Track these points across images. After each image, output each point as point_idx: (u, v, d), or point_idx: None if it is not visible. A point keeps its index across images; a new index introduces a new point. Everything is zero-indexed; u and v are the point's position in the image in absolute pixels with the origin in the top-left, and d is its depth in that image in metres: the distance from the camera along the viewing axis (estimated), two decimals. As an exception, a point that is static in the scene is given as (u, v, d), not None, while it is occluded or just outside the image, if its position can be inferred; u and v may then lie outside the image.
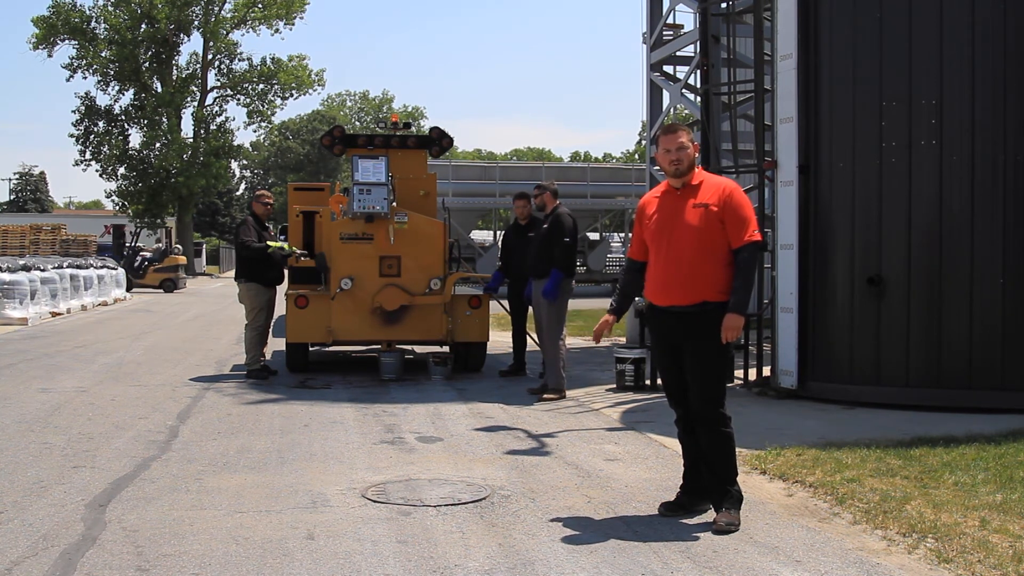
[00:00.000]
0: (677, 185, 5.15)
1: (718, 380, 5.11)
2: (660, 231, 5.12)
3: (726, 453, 5.05)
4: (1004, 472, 5.83)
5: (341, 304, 10.28)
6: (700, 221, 5.00)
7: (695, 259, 4.98)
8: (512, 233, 10.88)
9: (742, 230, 4.98)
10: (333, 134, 11.46)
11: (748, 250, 4.98)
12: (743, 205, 5.05)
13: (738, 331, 4.97)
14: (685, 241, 5.01)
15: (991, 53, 7.93)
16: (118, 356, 12.56)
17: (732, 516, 4.91)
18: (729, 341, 4.97)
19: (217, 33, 49.15)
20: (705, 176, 5.20)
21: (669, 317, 5.09)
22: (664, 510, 5.18)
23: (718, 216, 4.99)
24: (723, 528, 4.84)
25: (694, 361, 5.06)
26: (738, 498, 5.02)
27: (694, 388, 5.08)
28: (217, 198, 70.97)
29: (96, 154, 49.47)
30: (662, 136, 5.17)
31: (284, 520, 5.00)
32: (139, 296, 28.23)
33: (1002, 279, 7.93)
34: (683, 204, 5.08)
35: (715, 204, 5.00)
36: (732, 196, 5.05)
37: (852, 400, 8.34)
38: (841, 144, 8.47)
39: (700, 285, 4.98)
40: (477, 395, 9.33)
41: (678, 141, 5.07)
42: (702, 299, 4.98)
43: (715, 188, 5.09)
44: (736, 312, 4.93)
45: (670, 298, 5.07)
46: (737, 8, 12.56)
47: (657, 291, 5.15)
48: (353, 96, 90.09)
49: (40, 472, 6.02)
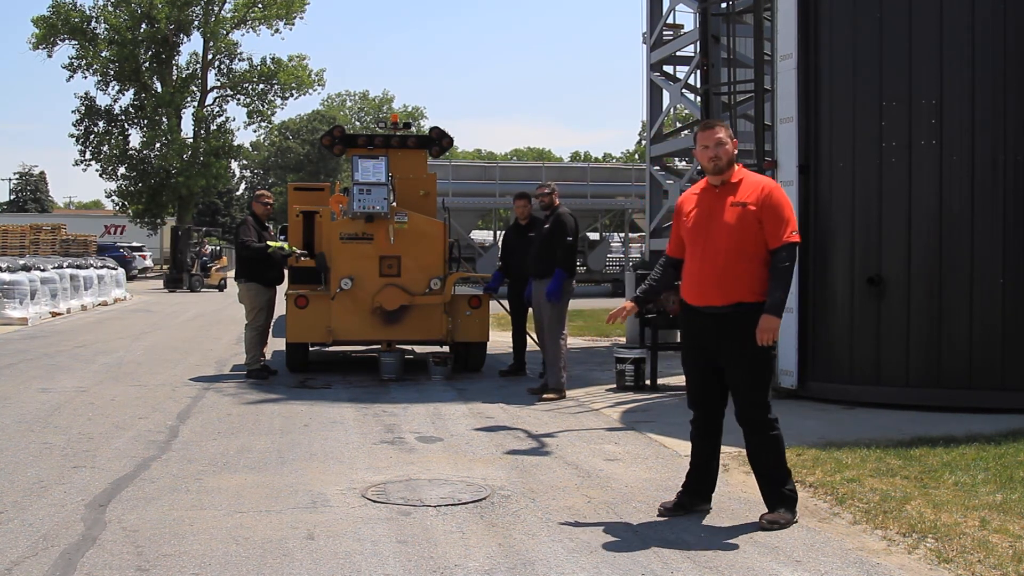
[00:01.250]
0: (716, 183, 5.02)
1: (761, 383, 4.98)
2: (697, 230, 5.01)
3: (777, 454, 4.98)
4: (1004, 472, 5.83)
5: (341, 304, 10.28)
6: (737, 220, 4.88)
7: (731, 259, 4.87)
8: (512, 233, 10.88)
9: (780, 230, 4.85)
10: (333, 134, 11.46)
11: (786, 251, 4.85)
12: (782, 205, 4.92)
13: (774, 333, 4.83)
14: (721, 241, 4.89)
15: (991, 53, 7.93)
16: (118, 356, 12.56)
17: (780, 516, 4.88)
18: (765, 344, 4.84)
19: (217, 33, 49.10)
20: (745, 174, 5.06)
21: (704, 318, 4.99)
22: (664, 510, 5.17)
23: (756, 216, 4.87)
24: (766, 526, 4.83)
25: (733, 365, 4.95)
26: (793, 498, 4.97)
27: (737, 393, 4.98)
28: (217, 198, 70.94)
29: (96, 154, 49.43)
30: (700, 132, 5.05)
31: (284, 520, 5.00)
32: (139, 296, 28.24)
33: (1002, 279, 7.93)
34: (721, 202, 4.96)
35: (753, 203, 4.88)
36: (771, 195, 4.92)
37: (852, 400, 8.34)
38: (841, 144, 8.46)
39: (735, 285, 4.87)
40: (477, 395, 9.33)
41: (716, 137, 4.94)
42: (737, 300, 4.87)
43: (754, 187, 4.96)
44: (772, 314, 4.81)
45: (705, 298, 4.97)
46: (737, 8, 12.57)
47: (692, 291, 5.05)
48: (353, 96, 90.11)
49: (40, 472, 6.02)
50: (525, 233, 10.34)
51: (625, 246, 34.59)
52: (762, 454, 5.00)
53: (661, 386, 9.71)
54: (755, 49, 10.30)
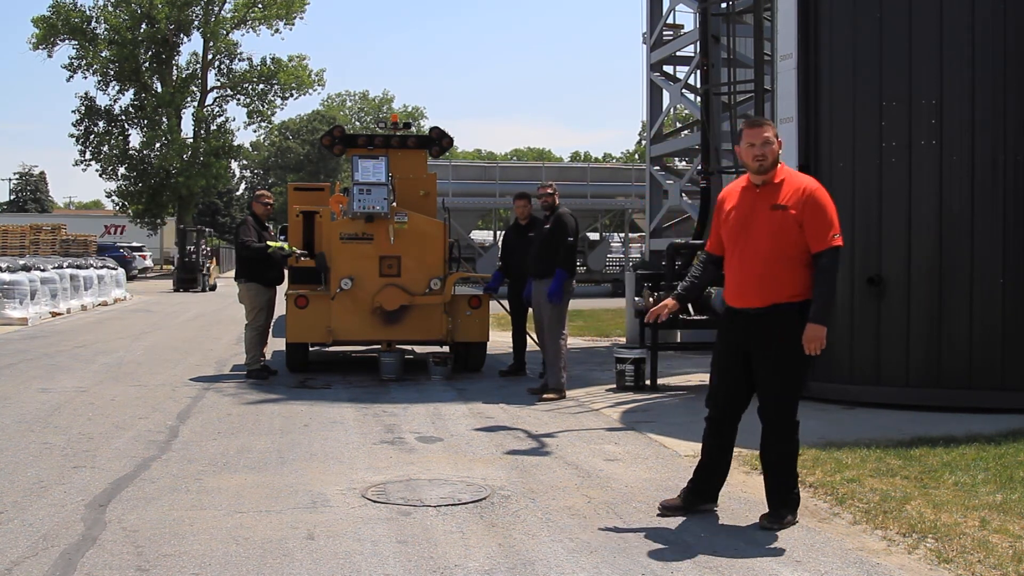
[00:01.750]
0: (758, 182, 4.91)
1: (789, 387, 4.90)
2: (736, 230, 4.93)
3: (790, 459, 4.97)
4: (1004, 472, 5.83)
5: (341, 304, 10.28)
6: (776, 224, 4.77)
7: (769, 261, 4.79)
8: (512, 233, 10.88)
9: (822, 234, 4.73)
10: (333, 134, 11.46)
11: (828, 256, 4.73)
12: (824, 207, 4.78)
13: (820, 341, 4.69)
14: (760, 244, 4.81)
15: (991, 53, 7.93)
16: (118, 356, 12.55)
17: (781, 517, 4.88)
18: (812, 353, 4.72)
19: (217, 33, 49.13)
20: (788, 174, 4.93)
21: (742, 319, 4.93)
22: (663, 509, 5.16)
23: (796, 219, 4.75)
24: (766, 526, 4.83)
25: (764, 366, 4.88)
26: (796, 501, 5.00)
27: (764, 394, 4.93)
28: (217, 198, 70.98)
29: (96, 154, 49.47)
30: (746, 129, 4.93)
31: (284, 520, 5.00)
32: (139, 296, 28.23)
33: (1002, 279, 7.93)
34: (762, 203, 4.85)
35: (793, 206, 4.76)
36: (812, 197, 4.78)
37: (852, 400, 8.33)
38: (841, 144, 8.46)
39: (773, 287, 4.80)
40: (477, 395, 9.33)
41: (763, 136, 4.84)
42: (773, 301, 4.81)
43: (795, 188, 4.82)
44: (817, 322, 4.69)
45: (744, 300, 4.91)
46: (737, 8, 12.57)
47: (732, 292, 4.99)
48: (353, 96, 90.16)
49: (40, 472, 6.02)
50: (525, 233, 10.34)
51: (625, 246, 34.59)
52: (775, 456, 4.96)
53: (661, 386, 9.71)
54: (755, 49, 10.31)
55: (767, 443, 5.01)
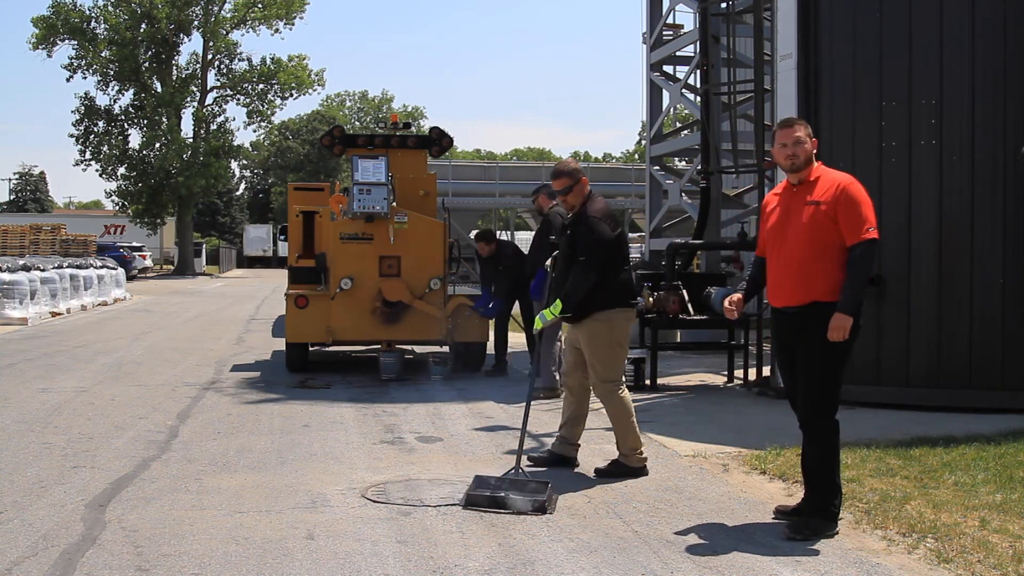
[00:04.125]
0: (794, 181, 4.95)
1: (824, 387, 4.85)
2: (775, 230, 4.97)
3: (826, 464, 4.84)
4: (1004, 472, 5.83)
5: (341, 304, 10.27)
6: (810, 220, 4.79)
7: (806, 259, 4.80)
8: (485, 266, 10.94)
9: (856, 227, 4.73)
10: (333, 134, 11.46)
11: (860, 248, 4.71)
12: (858, 202, 4.78)
13: (844, 331, 4.70)
14: (797, 241, 4.83)
15: (991, 53, 7.93)
16: (118, 356, 12.55)
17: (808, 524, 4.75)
18: (836, 340, 4.72)
19: (217, 33, 49.08)
20: (823, 171, 4.94)
21: (784, 318, 4.96)
22: (779, 514, 5.04)
23: (829, 214, 4.76)
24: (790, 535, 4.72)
25: (802, 364, 4.88)
26: (830, 516, 4.79)
27: (801, 393, 4.92)
28: (217, 198, 70.86)
29: (96, 154, 49.39)
30: (779, 130, 4.99)
31: (284, 520, 5.00)
32: (139, 296, 28.23)
33: (1002, 279, 7.93)
34: (798, 202, 4.89)
35: (826, 202, 4.77)
36: (846, 191, 4.79)
37: (852, 400, 8.30)
38: (841, 144, 8.46)
39: (811, 285, 4.80)
40: (477, 395, 9.33)
41: (794, 135, 4.89)
42: (812, 299, 4.80)
43: (829, 184, 4.84)
44: (844, 312, 4.68)
45: (784, 299, 4.92)
46: (737, 8, 12.56)
47: (773, 292, 5.02)
48: (353, 96, 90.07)
49: (40, 472, 6.02)
50: (495, 267, 10.51)
51: (625, 246, 34.53)
52: (811, 460, 4.89)
53: (661, 386, 9.71)
54: (755, 49, 10.31)
55: (803, 444, 4.97)
